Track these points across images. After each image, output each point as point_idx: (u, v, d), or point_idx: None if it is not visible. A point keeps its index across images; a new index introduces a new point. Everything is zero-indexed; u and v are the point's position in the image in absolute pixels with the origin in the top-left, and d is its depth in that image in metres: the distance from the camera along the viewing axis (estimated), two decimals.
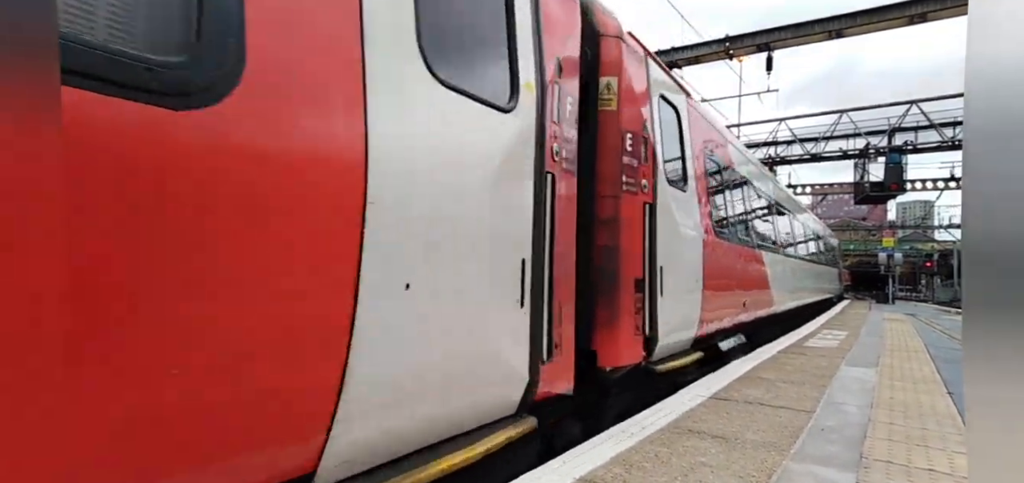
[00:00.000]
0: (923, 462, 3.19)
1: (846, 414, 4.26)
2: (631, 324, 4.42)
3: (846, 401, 4.71)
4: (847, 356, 7.51)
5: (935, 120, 24.85)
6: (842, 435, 3.68)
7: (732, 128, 25.24)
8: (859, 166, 27.87)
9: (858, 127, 27.00)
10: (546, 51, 3.32)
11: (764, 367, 6.36)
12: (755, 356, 7.24)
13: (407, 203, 2.26)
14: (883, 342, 9.60)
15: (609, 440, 3.41)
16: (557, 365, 3.42)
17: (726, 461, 3.08)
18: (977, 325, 0.90)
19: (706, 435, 3.56)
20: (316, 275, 1.90)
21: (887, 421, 4.08)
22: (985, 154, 0.89)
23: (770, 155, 28.64)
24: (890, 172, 25.62)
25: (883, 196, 28.69)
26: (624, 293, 4.33)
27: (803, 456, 3.22)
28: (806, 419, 4.05)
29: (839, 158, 28.17)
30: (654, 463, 3.01)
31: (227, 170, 1.62)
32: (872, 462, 3.16)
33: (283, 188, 1.77)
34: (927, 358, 7.81)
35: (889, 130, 26.14)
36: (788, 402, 4.58)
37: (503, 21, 3.03)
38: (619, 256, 4.30)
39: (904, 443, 3.55)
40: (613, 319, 4.27)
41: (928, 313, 21.14)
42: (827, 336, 10.20)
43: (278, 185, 1.76)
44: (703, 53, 20.31)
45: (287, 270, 1.80)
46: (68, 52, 1.25)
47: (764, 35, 19.30)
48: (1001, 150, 0.87)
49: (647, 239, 4.64)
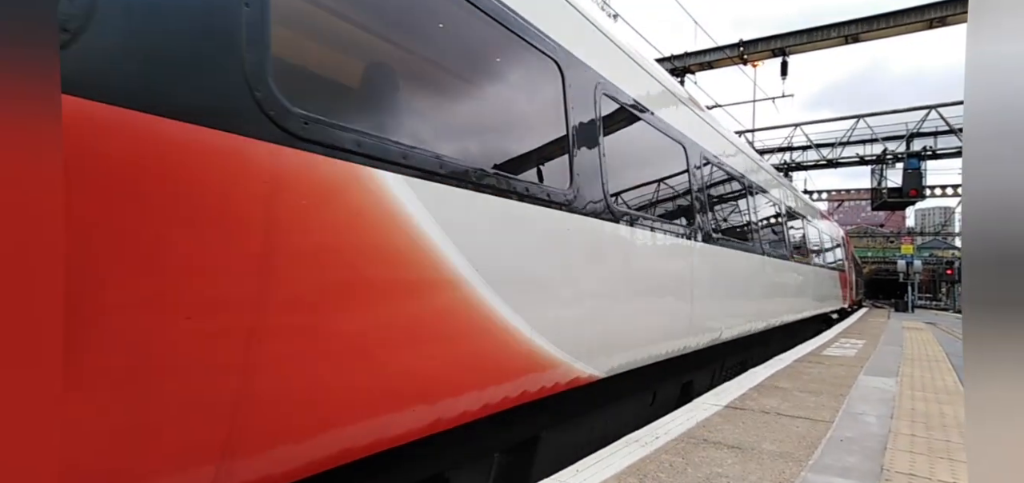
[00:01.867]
0: (947, 475, 3.11)
1: (866, 425, 4.17)
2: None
3: (865, 411, 4.62)
4: (866, 365, 7.38)
5: (955, 125, 24.42)
6: (862, 446, 3.60)
7: (746, 134, 25.03)
8: (876, 172, 27.45)
9: (875, 132, 26.61)
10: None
11: (780, 376, 6.26)
12: (771, 364, 7.13)
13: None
14: (903, 351, 9.42)
15: (623, 449, 3.37)
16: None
17: (742, 472, 3.03)
18: (977, 325, 0.89)
19: (722, 445, 3.50)
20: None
21: (908, 432, 3.99)
22: (985, 154, 0.89)
23: (785, 161, 28.35)
24: (908, 178, 25.18)
25: (901, 203, 28.20)
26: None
27: (821, 467, 3.16)
28: (824, 429, 3.97)
29: (856, 164, 27.76)
30: (668, 473, 2.97)
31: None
32: (893, 474, 3.09)
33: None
34: (949, 368, 7.64)
35: (907, 135, 25.73)
36: (805, 412, 4.50)
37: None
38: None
39: (927, 455, 3.47)
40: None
41: (948, 321, 20.73)
42: (845, 344, 10.03)
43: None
44: (717, 58, 20.17)
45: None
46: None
47: (779, 40, 19.12)
48: (1001, 150, 0.86)
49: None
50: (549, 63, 3.23)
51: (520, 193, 2.80)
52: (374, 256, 2.07)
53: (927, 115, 25.09)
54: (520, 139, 3.08)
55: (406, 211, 2.17)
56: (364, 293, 2.04)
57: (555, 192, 3.10)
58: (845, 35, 18.08)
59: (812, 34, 18.69)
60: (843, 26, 18.09)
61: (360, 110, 2.24)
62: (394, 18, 2.37)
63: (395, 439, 2.20)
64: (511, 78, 3.04)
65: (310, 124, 1.86)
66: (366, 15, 2.29)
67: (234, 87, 1.66)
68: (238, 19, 1.69)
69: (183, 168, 1.53)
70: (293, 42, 2.01)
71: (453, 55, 2.67)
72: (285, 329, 1.78)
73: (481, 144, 2.78)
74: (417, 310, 2.26)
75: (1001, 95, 0.86)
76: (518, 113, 3.10)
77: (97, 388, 1.37)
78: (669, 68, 18.19)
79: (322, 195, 1.88)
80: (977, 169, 0.89)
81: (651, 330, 4.29)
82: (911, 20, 16.91)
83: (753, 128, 25.93)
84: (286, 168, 1.78)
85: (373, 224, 2.06)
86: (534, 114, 3.18)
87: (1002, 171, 0.86)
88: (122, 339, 1.41)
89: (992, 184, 0.87)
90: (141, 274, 1.45)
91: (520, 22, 2.98)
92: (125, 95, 1.43)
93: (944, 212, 61.16)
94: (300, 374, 1.83)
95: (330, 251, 1.92)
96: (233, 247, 1.63)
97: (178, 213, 1.52)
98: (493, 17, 2.77)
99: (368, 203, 2.04)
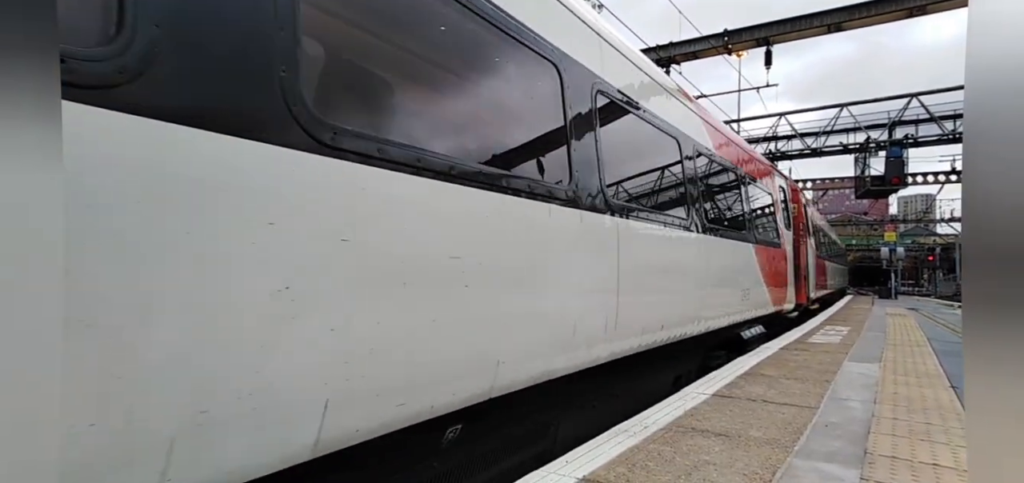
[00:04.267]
0: (927, 456, 3.18)
1: (850, 410, 4.24)
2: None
3: (850, 397, 4.69)
4: (850, 352, 7.50)
5: (936, 113, 24.79)
6: (846, 431, 3.66)
7: (731, 124, 25.16)
8: (860, 161, 27.79)
9: (858, 121, 26.93)
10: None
11: (766, 364, 6.34)
12: (757, 353, 7.22)
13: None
14: (886, 337, 9.58)
15: (612, 439, 3.40)
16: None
17: (730, 459, 3.07)
18: (977, 324, 0.90)
19: (709, 433, 3.55)
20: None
21: (891, 416, 4.07)
22: (985, 153, 0.89)
23: (770, 150, 28.59)
24: (891, 166, 25.52)
25: (884, 190, 28.57)
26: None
27: (807, 452, 3.21)
28: (810, 415, 4.04)
29: (840, 152, 28.10)
30: (657, 461, 3.00)
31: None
32: (876, 457, 3.15)
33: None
34: (930, 352, 7.79)
35: (889, 124, 26.07)
36: (791, 398, 4.57)
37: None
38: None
39: (908, 438, 3.54)
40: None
41: (930, 307, 21.11)
42: (830, 332, 10.18)
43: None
44: (701, 48, 20.23)
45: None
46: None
47: (763, 29, 19.22)
48: (1001, 149, 0.86)
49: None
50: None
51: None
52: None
53: (908, 103, 25.43)
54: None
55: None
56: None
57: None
58: (828, 24, 18.22)
59: (796, 23, 18.82)
60: (826, 14, 18.24)
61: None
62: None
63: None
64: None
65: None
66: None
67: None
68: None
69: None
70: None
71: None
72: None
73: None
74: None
75: (1001, 95, 0.86)
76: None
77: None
78: (655, 59, 18.19)
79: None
80: (977, 168, 0.89)
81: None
82: (892, 8, 17.10)
83: (739, 118, 26.11)
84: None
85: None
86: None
87: (1002, 170, 0.85)
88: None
89: (992, 183, 0.87)
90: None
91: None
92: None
93: (926, 199, 62.15)
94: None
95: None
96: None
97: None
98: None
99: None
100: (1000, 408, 0.86)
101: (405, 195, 2.34)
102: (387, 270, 2.24)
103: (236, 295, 1.73)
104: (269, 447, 1.83)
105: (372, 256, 2.18)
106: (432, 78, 2.88)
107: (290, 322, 1.86)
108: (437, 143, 2.65)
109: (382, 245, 2.23)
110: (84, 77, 1.42)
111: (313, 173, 1.96)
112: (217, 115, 1.72)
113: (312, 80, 2.13)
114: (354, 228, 2.09)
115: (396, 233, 2.29)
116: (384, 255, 2.23)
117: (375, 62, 2.61)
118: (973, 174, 0.90)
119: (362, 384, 2.12)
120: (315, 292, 1.95)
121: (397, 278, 2.28)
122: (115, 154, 1.49)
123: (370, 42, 2.54)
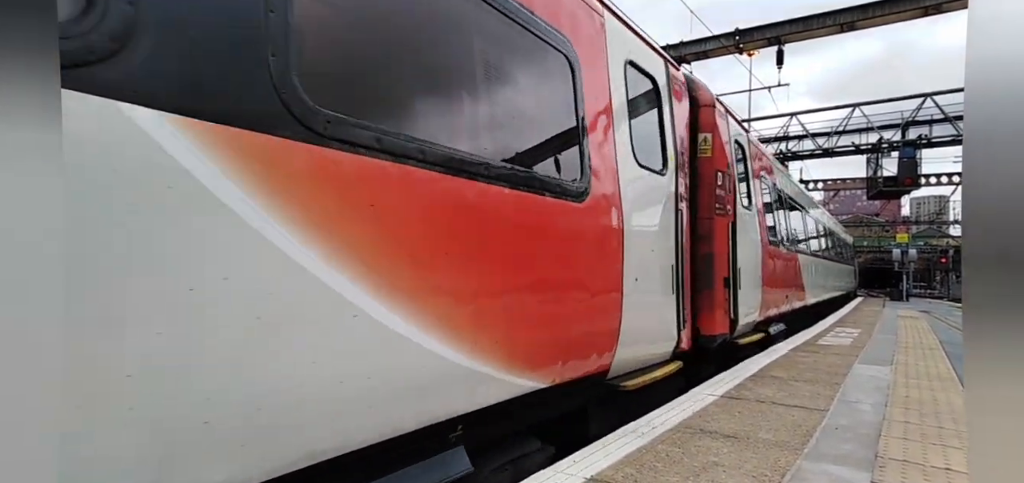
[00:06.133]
0: (940, 461, 3.14)
1: (860, 413, 4.20)
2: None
3: (860, 399, 4.65)
4: (861, 354, 7.43)
5: (950, 113, 24.45)
6: (857, 434, 3.63)
7: (743, 123, 25.03)
8: (872, 161, 27.50)
9: (871, 121, 26.64)
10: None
11: (776, 365, 6.30)
12: (767, 354, 7.17)
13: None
14: (897, 339, 9.48)
15: (620, 439, 3.39)
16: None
17: (738, 460, 3.05)
18: (978, 325, 0.89)
19: (718, 434, 3.53)
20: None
21: (903, 419, 4.02)
22: (985, 154, 0.88)
23: (781, 150, 28.37)
24: (904, 167, 25.23)
25: (896, 191, 28.26)
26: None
27: (817, 455, 3.18)
28: (820, 418, 4.00)
29: (852, 153, 27.81)
30: (665, 463, 2.99)
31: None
32: (888, 461, 3.11)
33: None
34: (942, 355, 7.70)
35: (903, 124, 25.76)
36: (801, 401, 4.53)
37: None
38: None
39: (920, 442, 3.50)
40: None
41: (943, 310, 20.86)
42: (840, 334, 10.09)
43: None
44: (712, 48, 20.11)
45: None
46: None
47: (774, 28, 19.07)
48: (1001, 150, 0.86)
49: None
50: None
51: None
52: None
53: (923, 103, 25.12)
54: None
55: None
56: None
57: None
58: (841, 23, 18.02)
59: (808, 22, 18.64)
60: (839, 14, 18.05)
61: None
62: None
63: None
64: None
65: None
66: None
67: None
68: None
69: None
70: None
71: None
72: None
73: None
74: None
75: (1001, 95, 0.85)
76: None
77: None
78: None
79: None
80: (978, 166, 0.89)
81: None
82: (905, 8, 16.88)
83: (749, 117, 25.93)
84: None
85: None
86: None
87: (1002, 170, 0.85)
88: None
89: (993, 181, 0.87)
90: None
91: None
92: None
93: (939, 200, 61.43)
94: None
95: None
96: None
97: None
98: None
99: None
100: (1000, 408, 0.86)
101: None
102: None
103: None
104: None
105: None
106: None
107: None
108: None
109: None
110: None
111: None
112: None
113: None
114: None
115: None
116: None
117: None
118: (973, 175, 0.90)
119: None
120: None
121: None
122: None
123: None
